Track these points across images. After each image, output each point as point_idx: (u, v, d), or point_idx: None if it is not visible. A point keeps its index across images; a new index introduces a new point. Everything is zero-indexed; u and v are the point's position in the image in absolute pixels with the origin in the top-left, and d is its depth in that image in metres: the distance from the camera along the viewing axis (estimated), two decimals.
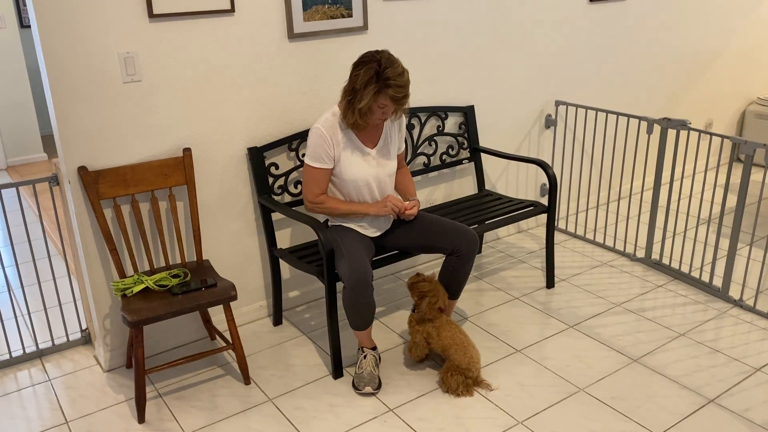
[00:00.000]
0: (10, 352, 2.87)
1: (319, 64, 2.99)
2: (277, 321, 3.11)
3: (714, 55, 4.75)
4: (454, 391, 2.55)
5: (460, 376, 2.55)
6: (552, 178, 3.18)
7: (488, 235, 3.93)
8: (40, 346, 2.96)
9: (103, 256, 2.67)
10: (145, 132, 2.63)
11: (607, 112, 3.62)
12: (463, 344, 2.58)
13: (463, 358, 2.56)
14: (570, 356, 2.79)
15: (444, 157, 3.48)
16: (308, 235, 3.19)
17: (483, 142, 3.68)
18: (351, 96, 2.46)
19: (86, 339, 3.01)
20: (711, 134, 3.16)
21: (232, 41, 2.73)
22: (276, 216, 3.04)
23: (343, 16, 2.97)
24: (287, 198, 3.03)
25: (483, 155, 3.66)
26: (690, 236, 3.90)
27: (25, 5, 6.39)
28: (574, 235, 4.00)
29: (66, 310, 3.26)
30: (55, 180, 2.70)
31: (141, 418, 2.47)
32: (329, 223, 2.73)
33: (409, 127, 3.31)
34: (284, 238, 3.13)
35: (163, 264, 2.84)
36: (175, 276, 2.62)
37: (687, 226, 3.88)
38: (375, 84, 2.40)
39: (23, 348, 2.89)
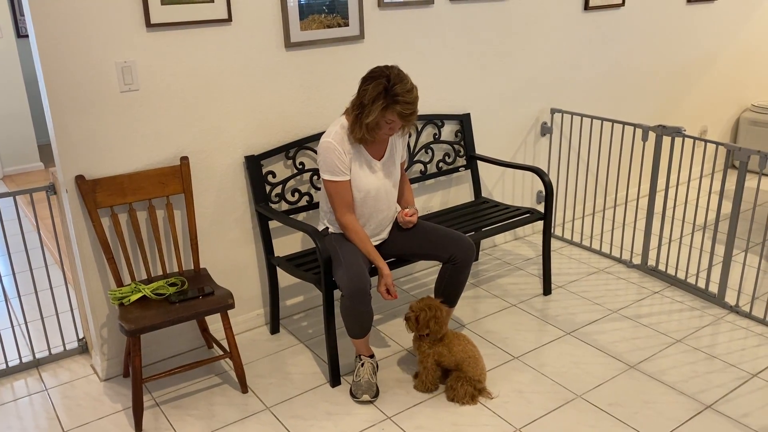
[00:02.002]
0: (6, 362, 2.86)
1: (316, 73, 3.00)
2: (275, 329, 3.10)
3: (708, 62, 4.79)
4: (461, 399, 2.55)
5: (470, 387, 2.55)
6: (548, 186, 3.19)
7: (485, 243, 3.94)
8: (37, 356, 2.95)
9: (101, 265, 2.67)
10: (143, 141, 2.64)
11: (603, 119, 3.64)
12: (475, 356, 2.57)
13: (475, 370, 2.56)
14: (567, 363, 2.80)
15: (440, 164, 3.49)
16: (306, 243, 3.20)
17: (479, 150, 3.70)
18: (359, 111, 2.45)
19: (83, 348, 3.00)
20: (706, 141, 3.18)
21: (229, 50, 2.74)
22: (273, 224, 3.04)
23: (339, 26, 2.98)
24: (284, 206, 3.04)
25: (479, 163, 3.68)
26: (686, 243, 3.92)
27: (22, 15, 6.41)
28: (571, 242, 4.01)
29: (63, 319, 3.26)
30: (52, 189, 2.70)
31: (138, 427, 2.46)
32: (329, 231, 2.73)
33: None
34: (282, 246, 3.13)
35: (160, 272, 2.84)
36: (172, 284, 2.62)
37: (683, 232, 3.89)
38: (383, 100, 2.39)
39: (20, 357, 2.88)
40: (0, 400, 2.68)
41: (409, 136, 3.34)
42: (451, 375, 2.60)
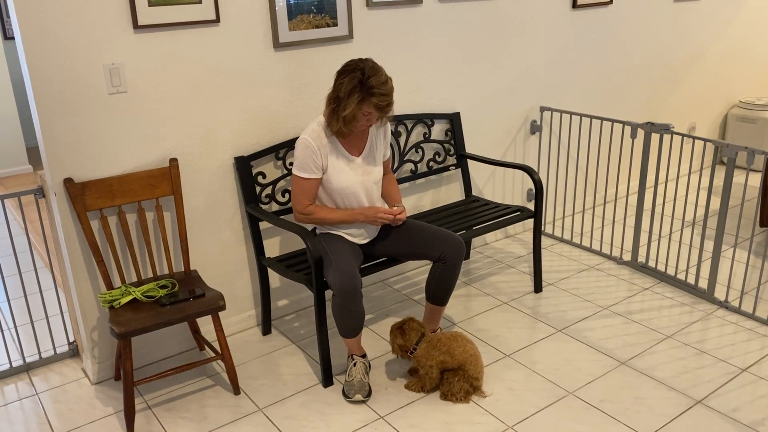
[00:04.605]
0: None
1: (305, 73, 3.00)
2: (266, 330, 3.10)
3: (696, 59, 4.82)
4: (454, 395, 2.54)
5: (466, 384, 2.55)
6: (538, 183, 3.20)
7: (476, 241, 3.95)
8: (27, 360, 2.93)
9: (90, 268, 2.66)
10: (131, 143, 2.63)
11: (592, 117, 3.65)
12: (475, 354, 2.57)
13: (475, 368, 2.56)
14: (559, 360, 2.81)
15: (431, 163, 3.49)
16: (296, 243, 3.19)
17: (469, 149, 3.70)
18: (335, 104, 2.47)
19: (74, 352, 2.99)
20: (694, 138, 3.20)
21: (217, 51, 2.73)
22: (264, 225, 3.04)
23: (328, 25, 2.98)
24: (275, 207, 3.03)
25: (469, 161, 3.69)
26: (675, 239, 3.94)
27: (8, 17, 6.36)
28: (561, 240, 4.02)
29: (53, 322, 3.24)
30: (40, 192, 2.69)
31: (130, 431, 2.45)
32: (317, 231, 2.74)
33: (396, 135, 3.32)
34: (272, 247, 3.13)
35: (150, 275, 2.83)
36: (162, 287, 2.61)
37: (672, 228, 3.92)
38: (359, 93, 2.41)
39: (10, 362, 2.87)
40: None
41: (399, 136, 3.34)
42: (450, 371, 2.60)
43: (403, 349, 2.61)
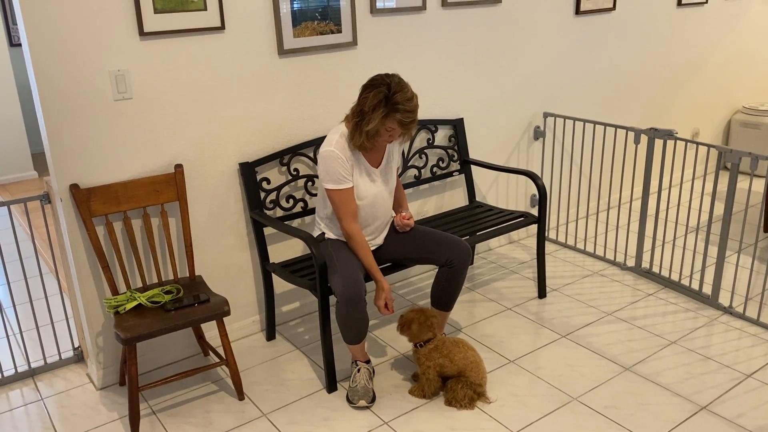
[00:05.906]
0: (1, 372, 2.85)
1: (309, 80, 3.01)
2: (271, 336, 3.11)
3: (699, 65, 4.82)
4: (458, 401, 2.55)
5: (470, 390, 2.55)
6: (541, 189, 3.21)
7: (480, 247, 3.96)
8: (32, 365, 2.94)
9: (95, 274, 2.67)
10: (137, 149, 2.64)
11: (595, 122, 3.66)
12: (476, 361, 2.57)
13: (477, 374, 2.56)
14: (563, 366, 2.81)
15: (434, 169, 3.50)
16: (301, 249, 3.20)
17: (473, 154, 3.71)
18: (359, 118, 2.47)
19: (79, 357, 3.00)
20: (697, 143, 3.20)
21: (222, 58, 2.75)
22: (268, 230, 3.05)
23: (332, 32, 3.00)
24: (279, 212, 3.04)
25: (473, 167, 3.69)
26: (679, 244, 3.94)
27: (14, 24, 6.40)
28: (565, 245, 4.02)
29: (58, 328, 3.25)
30: (46, 198, 2.70)
31: None
32: (325, 236, 2.74)
33: None
34: (277, 253, 3.13)
35: (155, 280, 2.84)
36: (167, 292, 2.62)
37: (676, 234, 3.91)
38: (384, 108, 2.41)
39: (15, 367, 2.88)
40: None
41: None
42: (452, 378, 2.60)
43: (413, 337, 2.60)
